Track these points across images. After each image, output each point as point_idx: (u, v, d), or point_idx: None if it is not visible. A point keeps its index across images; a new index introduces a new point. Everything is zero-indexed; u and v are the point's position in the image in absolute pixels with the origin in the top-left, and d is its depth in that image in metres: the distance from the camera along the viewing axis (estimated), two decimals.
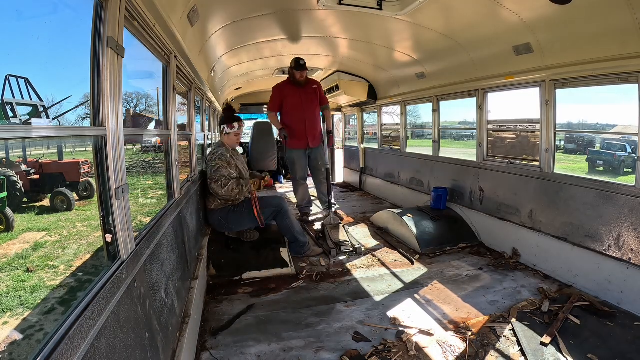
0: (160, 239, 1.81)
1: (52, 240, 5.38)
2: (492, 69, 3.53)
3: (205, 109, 5.15)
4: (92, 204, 7.27)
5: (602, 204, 2.67)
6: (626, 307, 2.45)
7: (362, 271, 3.33)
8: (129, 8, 1.48)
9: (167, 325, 1.68)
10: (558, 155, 3.34)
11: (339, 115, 9.17)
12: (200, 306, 2.55)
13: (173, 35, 2.11)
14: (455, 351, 2.11)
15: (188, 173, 3.35)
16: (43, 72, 5.88)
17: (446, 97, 4.53)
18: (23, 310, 3.52)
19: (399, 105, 5.69)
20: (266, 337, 2.30)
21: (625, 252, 2.51)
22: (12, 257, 4.70)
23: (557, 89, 3.02)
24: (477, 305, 2.62)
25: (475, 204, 4.03)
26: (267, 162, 8.12)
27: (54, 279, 4.18)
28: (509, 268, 3.26)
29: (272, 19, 3.40)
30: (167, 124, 2.50)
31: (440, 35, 3.45)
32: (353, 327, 2.41)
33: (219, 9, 2.91)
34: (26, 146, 7.21)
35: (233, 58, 4.59)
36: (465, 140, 15.18)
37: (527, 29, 2.80)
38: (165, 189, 2.49)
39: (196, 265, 2.73)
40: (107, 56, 1.26)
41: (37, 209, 6.84)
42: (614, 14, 2.24)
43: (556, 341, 2.12)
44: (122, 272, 1.25)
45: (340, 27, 3.85)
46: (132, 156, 12.00)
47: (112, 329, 1.11)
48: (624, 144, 11.36)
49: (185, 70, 2.91)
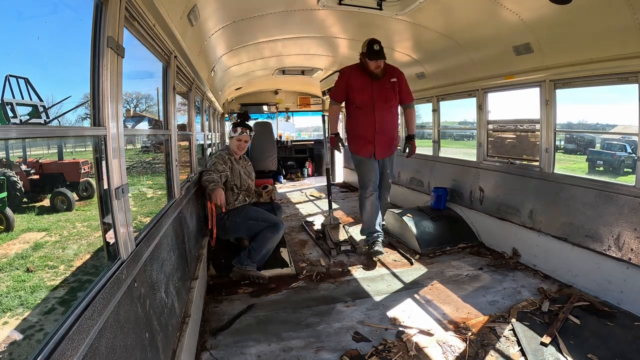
0: (160, 239, 1.81)
1: (52, 241, 5.38)
2: (492, 69, 3.53)
3: (205, 109, 5.15)
4: (92, 204, 7.26)
5: (602, 204, 2.67)
6: (626, 307, 2.45)
7: (362, 271, 3.33)
8: (129, 8, 1.48)
9: (167, 325, 1.68)
10: (558, 155, 3.34)
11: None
12: (200, 306, 2.55)
13: (173, 35, 2.11)
14: (455, 351, 2.11)
15: (188, 173, 3.35)
16: (43, 72, 5.88)
17: (446, 97, 4.53)
18: (23, 310, 3.52)
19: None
20: (266, 337, 2.30)
21: (625, 252, 2.51)
22: (12, 257, 4.70)
23: (557, 89, 3.02)
24: (477, 305, 2.62)
25: (475, 204, 4.03)
26: (267, 162, 8.12)
27: (54, 279, 4.18)
28: (509, 268, 3.26)
29: (272, 19, 3.40)
30: (167, 124, 2.50)
31: (440, 35, 3.45)
32: (353, 327, 2.40)
33: (219, 9, 2.91)
34: (26, 146, 7.22)
35: (233, 58, 4.59)
36: (465, 140, 15.18)
37: (527, 29, 2.80)
38: (165, 189, 2.49)
39: (196, 265, 2.73)
40: (107, 56, 1.26)
41: (37, 209, 6.84)
42: (614, 14, 2.24)
43: (556, 341, 2.12)
44: (122, 272, 1.25)
45: (340, 27, 3.85)
46: (133, 156, 12.00)
47: (112, 329, 1.11)
48: (624, 144, 11.36)
49: (185, 70, 2.92)
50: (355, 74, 3.61)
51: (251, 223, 3.25)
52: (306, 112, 9.34)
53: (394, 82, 3.63)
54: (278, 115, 9.22)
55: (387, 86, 3.61)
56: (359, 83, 3.59)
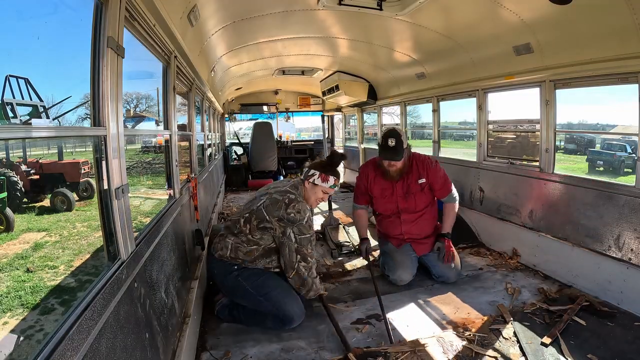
0: (160, 239, 1.81)
1: (52, 241, 5.38)
2: (492, 69, 3.53)
3: (205, 109, 5.16)
4: (92, 204, 7.27)
5: (602, 204, 2.67)
6: (626, 307, 2.45)
7: (363, 271, 3.33)
8: (129, 8, 1.48)
9: (167, 326, 1.68)
10: (558, 156, 3.34)
11: (339, 116, 9.18)
12: (200, 306, 2.55)
13: (173, 35, 2.11)
14: (456, 349, 2.10)
15: (188, 173, 3.35)
16: (43, 72, 5.89)
17: (446, 97, 4.53)
18: (23, 310, 3.52)
19: (399, 105, 5.69)
20: (266, 337, 2.30)
21: (625, 253, 2.51)
22: (12, 257, 4.71)
23: (557, 89, 3.02)
24: (477, 306, 2.62)
25: (475, 204, 4.02)
26: (267, 162, 8.13)
27: (54, 279, 4.19)
28: (509, 268, 3.26)
29: (272, 19, 3.40)
30: (167, 124, 2.50)
31: (440, 35, 3.45)
32: (354, 327, 2.41)
33: (219, 9, 2.91)
34: (26, 146, 7.22)
35: (233, 58, 4.59)
36: (465, 140, 15.17)
37: (527, 29, 2.80)
38: (165, 189, 2.49)
39: (196, 265, 2.73)
40: (107, 56, 1.26)
41: (37, 209, 6.85)
42: (613, 14, 2.24)
43: (557, 342, 2.12)
44: (122, 272, 1.25)
45: (340, 27, 3.85)
46: (133, 156, 12.00)
47: (112, 329, 1.11)
48: (624, 144, 11.35)
49: (185, 70, 2.92)
50: (374, 175, 3.05)
51: (260, 300, 2.36)
52: (306, 112, 9.34)
53: (422, 184, 2.98)
54: (278, 116, 9.22)
55: (413, 190, 2.98)
56: (379, 188, 3.04)
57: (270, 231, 2.36)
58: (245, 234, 2.39)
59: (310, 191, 2.51)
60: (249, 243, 2.39)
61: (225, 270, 2.40)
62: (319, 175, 2.47)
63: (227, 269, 2.39)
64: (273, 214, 2.33)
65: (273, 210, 2.33)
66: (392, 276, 2.97)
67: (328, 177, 2.47)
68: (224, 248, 2.42)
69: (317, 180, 2.47)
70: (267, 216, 2.33)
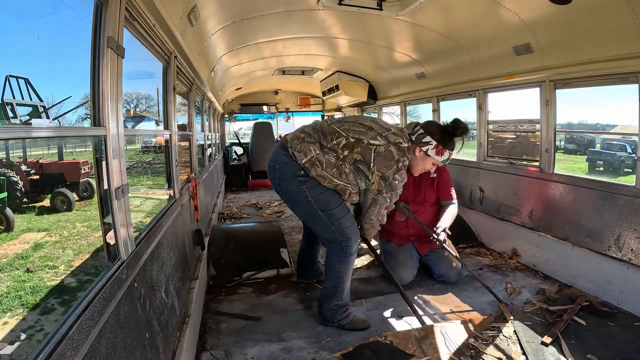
0: (161, 239, 1.81)
1: (52, 241, 5.39)
2: (492, 69, 3.53)
3: (206, 109, 5.15)
4: (92, 204, 7.28)
5: (602, 204, 2.67)
6: (626, 307, 2.45)
7: (363, 271, 3.33)
8: (129, 8, 1.48)
9: (167, 325, 1.68)
10: (558, 156, 3.35)
11: (339, 116, 9.19)
12: (200, 306, 2.55)
13: (173, 35, 2.11)
14: (457, 340, 2.10)
15: (188, 173, 3.35)
16: (43, 72, 5.89)
17: (446, 97, 4.53)
18: (23, 310, 3.53)
19: (399, 105, 5.69)
20: (266, 337, 2.30)
21: (625, 253, 2.51)
22: (12, 257, 4.71)
23: (557, 89, 3.02)
24: (477, 305, 2.62)
25: (475, 204, 4.03)
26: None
27: (54, 279, 4.19)
28: (509, 268, 3.26)
29: (272, 19, 3.40)
30: (167, 124, 2.50)
31: (440, 35, 3.45)
32: None
33: (219, 9, 2.91)
34: (26, 146, 7.23)
35: (233, 58, 4.59)
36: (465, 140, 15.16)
37: (527, 29, 2.80)
38: (165, 189, 2.49)
39: (196, 265, 2.73)
40: (107, 56, 1.26)
41: (37, 209, 6.86)
42: (613, 14, 2.24)
43: (557, 341, 2.12)
44: (122, 272, 1.25)
45: (340, 27, 3.85)
46: (133, 156, 12.00)
47: (112, 329, 1.12)
48: (624, 144, 11.37)
49: (185, 70, 2.92)
50: None
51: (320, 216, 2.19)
52: (306, 113, 9.34)
53: (433, 179, 3.10)
54: (278, 116, 9.22)
55: (425, 183, 3.08)
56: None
57: (363, 178, 2.12)
58: (337, 157, 2.09)
59: (419, 160, 2.24)
60: (332, 168, 2.09)
61: (292, 172, 2.14)
62: (435, 146, 2.18)
63: (295, 172, 2.14)
64: (380, 168, 2.07)
65: (382, 164, 2.07)
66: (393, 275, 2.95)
67: (444, 151, 2.19)
68: (302, 153, 2.12)
69: (430, 151, 2.19)
70: (374, 164, 2.07)
